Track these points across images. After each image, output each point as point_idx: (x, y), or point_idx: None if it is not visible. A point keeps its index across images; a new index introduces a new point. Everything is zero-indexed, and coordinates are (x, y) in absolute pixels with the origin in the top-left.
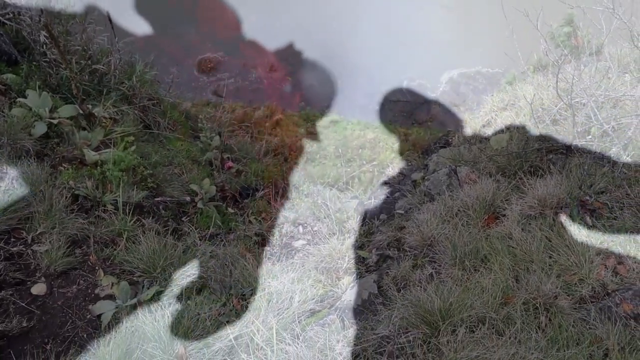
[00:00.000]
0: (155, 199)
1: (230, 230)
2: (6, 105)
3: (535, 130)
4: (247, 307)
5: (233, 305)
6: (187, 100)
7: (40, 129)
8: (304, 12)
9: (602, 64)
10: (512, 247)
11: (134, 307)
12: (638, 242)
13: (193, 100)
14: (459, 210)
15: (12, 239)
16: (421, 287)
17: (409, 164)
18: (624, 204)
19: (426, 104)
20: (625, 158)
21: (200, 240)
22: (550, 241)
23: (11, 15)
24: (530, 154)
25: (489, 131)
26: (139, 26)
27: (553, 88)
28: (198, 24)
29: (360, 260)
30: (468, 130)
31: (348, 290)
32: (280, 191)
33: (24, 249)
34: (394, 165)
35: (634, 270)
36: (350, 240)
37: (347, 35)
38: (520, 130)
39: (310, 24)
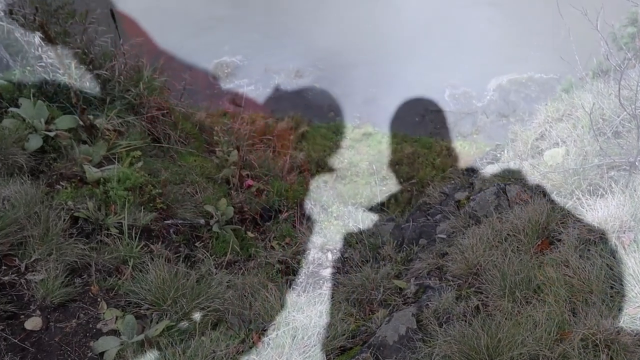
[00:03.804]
0: (165, 221)
1: (250, 257)
2: None
3: (594, 143)
4: (269, 344)
5: (253, 342)
6: (201, 110)
7: (35, 142)
8: (334, 12)
9: None
10: (569, 276)
11: (141, 344)
12: None
13: (208, 110)
14: (508, 234)
15: (4, 267)
16: (466, 321)
17: (452, 182)
18: None
19: (471, 114)
20: None
21: (216, 268)
22: (612, 269)
23: (2, 13)
24: (589, 171)
25: (542, 145)
26: (147, 26)
27: (615, 96)
28: (214, 24)
29: (396, 291)
30: (519, 144)
31: (383, 325)
32: (307, 213)
33: (16, 278)
34: (435, 184)
35: None
36: (385, 268)
37: (382, 38)
38: (578, 143)
39: (342, 26)
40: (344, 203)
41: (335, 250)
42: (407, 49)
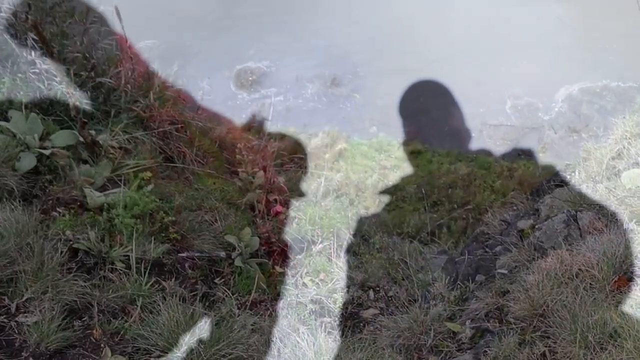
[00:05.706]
0: (180, 254)
1: (279, 295)
2: None
3: None
4: None
5: None
6: (222, 124)
7: (27, 162)
8: (375, 10)
9: None
10: None
11: None
12: None
13: (229, 125)
14: (579, 269)
15: None
16: None
17: (514, 208)
18: None
19: (537, 129)
20: None
21: (238, 308)
22: None
23: None
24: None
25: (619, 165)
26: (158, 26)
27: None
28: (235, 24)
29: (449, 336)
30: (592, 164)
31: None
32: (345, 244)
33: (6, 320)
34: (494, 210)
35: None
36: (436, 309)
37: (432, 41)
38: None
39: (384, 27)
40: (389, 233)
41: (378, 288)
42: (462, 53)
